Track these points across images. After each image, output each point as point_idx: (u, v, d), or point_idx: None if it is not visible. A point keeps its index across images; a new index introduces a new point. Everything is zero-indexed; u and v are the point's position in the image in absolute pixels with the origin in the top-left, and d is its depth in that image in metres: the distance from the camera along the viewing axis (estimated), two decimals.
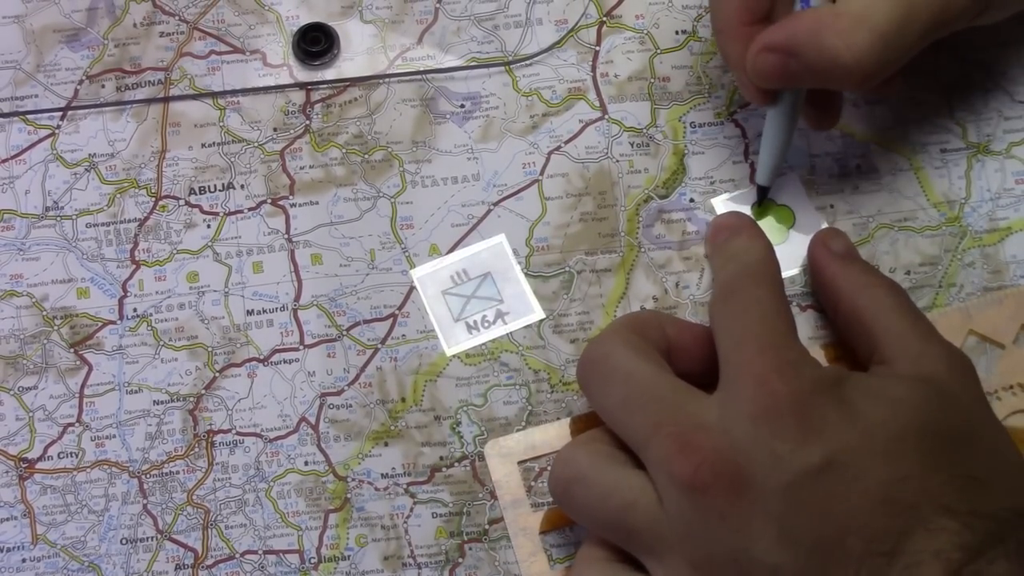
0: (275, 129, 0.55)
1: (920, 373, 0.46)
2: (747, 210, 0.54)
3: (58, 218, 0.55)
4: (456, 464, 0.52)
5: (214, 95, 0.56)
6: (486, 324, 0.53)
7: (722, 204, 0.54)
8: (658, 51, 0.56)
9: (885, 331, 0.48)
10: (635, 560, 0.46)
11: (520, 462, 0.52)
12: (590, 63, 0.56)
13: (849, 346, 0.50)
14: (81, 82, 0.56)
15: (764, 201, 0.53)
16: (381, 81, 0.56)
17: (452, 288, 0.54)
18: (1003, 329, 0.52)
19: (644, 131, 0.55)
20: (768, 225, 0.53)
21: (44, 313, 0.54)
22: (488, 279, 0.54)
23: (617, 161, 0.55)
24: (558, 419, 0.52)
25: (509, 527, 0.51)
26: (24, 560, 0.52)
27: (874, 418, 0.43)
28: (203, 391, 0.53)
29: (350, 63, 0.56)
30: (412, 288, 0.54)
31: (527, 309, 0.53)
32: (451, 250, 0.54)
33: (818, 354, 0.52)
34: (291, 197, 0.55)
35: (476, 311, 0.53)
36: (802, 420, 0.43)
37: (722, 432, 0.43)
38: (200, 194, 0.55)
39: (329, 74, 0.56)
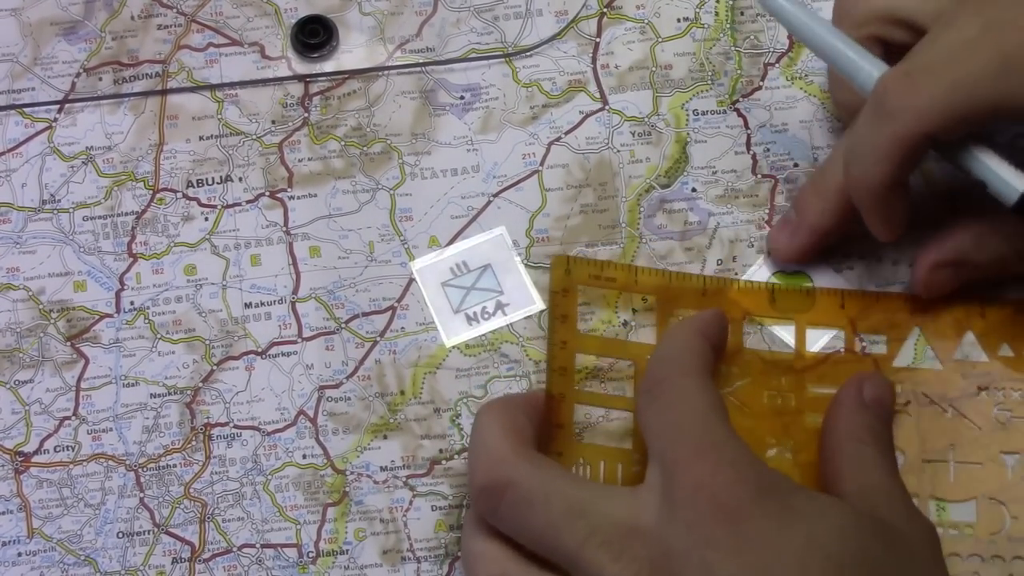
0: (273, 122, 0.55)
1: (878, 516, 0.44)
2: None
3: (55, 211, 0.54)
4: (456, 457, 0.52)
5: (212, 88, 0.56)
6: (486, 316, 0.53)
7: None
8: (659, 39, 0.56)
9: (853, 477, 0.46)
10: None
11: None
12: (590, 55, 0.56)
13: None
14: (78, 75, 0.56)
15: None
16: (380, 73, 0.55)
17: (452, 280, 0.53)
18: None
19: (646, 120, 0.55)
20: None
21: (41, 306, 0.53)
22: (488, 271, 0.53)
23: (618, 151, 0.54)
24: None
25: None
26: (20, 554, 0.51)
27: (814, 537, 0.41)
28: (200, 384, 0.52)
29: (349, 55, 0.56)
30: (411, 280, 0.53)
31: (527, 300, 0.53)
32: (451, 242, 0.54)
33: None
34: (289, 190, 0.54)
35: (476, 303, 0.53)
36: (737, 531, 0.41)
37: (656, 538, 0.42)
38: (198, 187, 0.54)
39: (328, 66, 0.56)
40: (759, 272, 0.53)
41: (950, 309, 0.51)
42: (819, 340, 0.52)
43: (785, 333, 0.52)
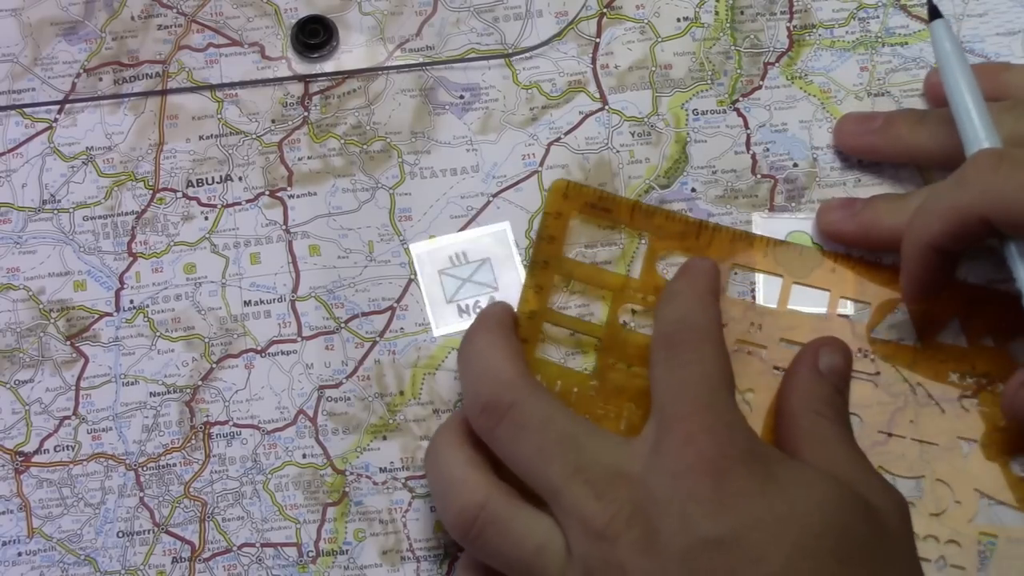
0: (273, 121, 0.55)
1: (857, 492, 0.44)
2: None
3: (55, 211, 0.54)
4: None
5: (212, 88, 0.56)
6: (478, 306, 0.53)
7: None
8: (659, 39, 0.56)
9: (813, 451, 0.46)
10: None
11: None
12: (590, 55, 0.56)
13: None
14: (79, 75, 0.56)
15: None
16: (380, 72, 0.55)
17: (450, 269, 0.53)
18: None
19: (645, 120, 0.55)
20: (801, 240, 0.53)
21: (41, 306, 0.53)
22: (486, 265, 0.53)
23: (617, 152, 0.54)
24: None
25: None
26: (20, 554, 0.51)
27: (796, 506, 0.42)
28: (200, 382, 0.52)
29: (349, 55, 0.56)
30: (411, 281, 0.53)
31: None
32: None
33: None
34: (289, 188, 0.54)
35: (469, 295, 0.53)
36: (720, 487, 0.42)
37: (641, 483, 0.43)
38: (198, 186, 0.54)
39: (328, 66, 0.56)
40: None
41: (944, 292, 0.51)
42: (803, 298, 0.52)
43: (771, 286, 0.52)
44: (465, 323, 0.53)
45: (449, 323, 0.53)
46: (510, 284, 0.53)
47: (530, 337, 0.52)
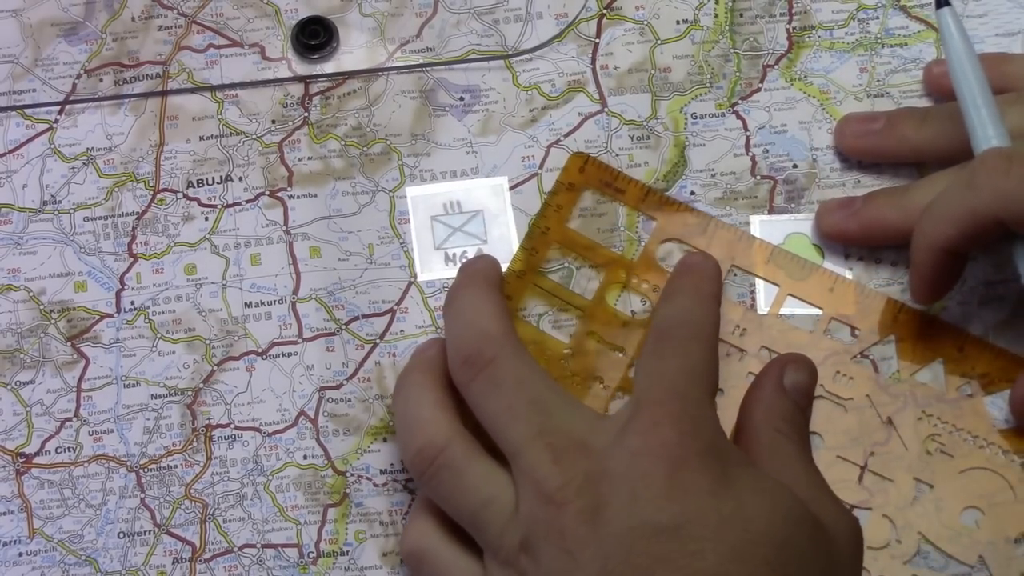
0: (273, 121, 0.55)
1: (808, 508, 0.44)
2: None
3: (56, 212, 0.54)
4: None
5: (212, 89, 0.56)
6: (464, 257, 0.53)
7: None
8: (659, 41, 0.56)
9: (771, 467, 0.46)
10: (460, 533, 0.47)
11: None
12: (590, 55, 0.56)
13: None
14: (79, 76, 0.56)
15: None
16: (380, 74, 0.56)
17: (442, 216, 0.54)
18: None
19: (644, 123, 0.55)
20: (799, 248, 0.53)
21: (41, 307, 0.53)
22: (479, 217, 0.54)
23: (617, 155, 0.54)
24: None
25: None
26: (21, 554, 0.51)
27: (743, 510, 0.42)
28: (201, 384, 0.53)
29: (349, 56, 0.56)
30: (411, 284, 0.53)
31: (508, 255, 0.53)
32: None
33: None
34: (289, 189, 0.54)
35: (458, 244, 0.53)
36: (673, 476, 0.42)
37: (600, 457, 0.43)
38: (198, 187, 0.55)
39: (328, 67, 0.56)
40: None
41: (935, 331, 0.51)
42: (795, 311, 0.52)
43: (766, 291, 0.52)
44: (450, 272, 0.53)
45: (434, 270, 0.53)
46: (500, 239, 0.53)
47: (514, 295, 0.52)
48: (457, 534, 0.47)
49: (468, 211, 0.54)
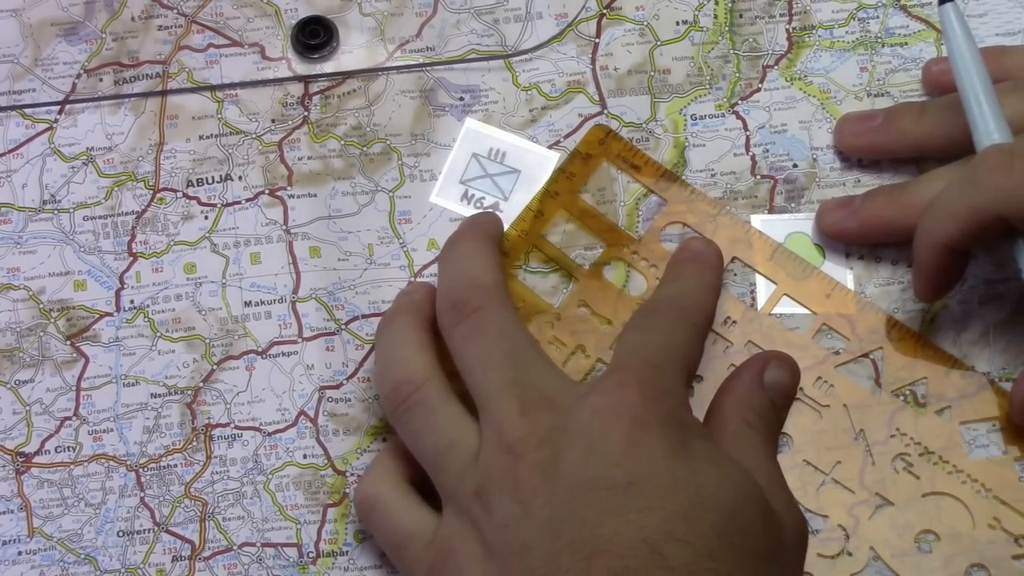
0: (273, 120, 0.55)
1: (764, 493, 0.44)
2: None
3: (55, 211, 0.54)
4: None
5: (212, 88, 0.56)
6: (478, 205, 0.54)
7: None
8: (658, 43, 0.56)
9: (733, 454, 0.46)
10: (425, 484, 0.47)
11: None
12: (589, 55, 0.56)
13: None
14: (79, 76, 0.56)
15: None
16: (380, 73, 0.56)
17: (483, 156, 0.54)
18: None
19: (644, 126, 0.55)
20: (800, 247, 0.53)
21: (41, 306, 0.53)
22: (514, 176, 0.54)
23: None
24: None
25: None
26: (20, 553, 0.51)
27: (696, 476, 0.42)
28: (201, 384, 0.53)
29: (349, 55, 0.56)
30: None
31: None
32: None
33: None
34: (289, 188, 0.54)
35: (480, 189, 0.54)
36: (633, 434, 0.42)
37: (565, 414, 0.44)
38: (198, 186, 0.55)
39: (328, 67, 0.56)
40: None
41: (924, 351, 0.51)
42: (789, 311, 0.52)
43: (764, 289, 0.52)
44: (462, 208, 0.54)
45: (447, 198, 0.54)
46: (518, 205, 0.54)
47: (511, 253, 0.53)
48: (414, 488, 0.48)
49: (508, 166, 0.54)
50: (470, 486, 0.44)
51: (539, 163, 0.54)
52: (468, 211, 0.54)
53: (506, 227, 0.53)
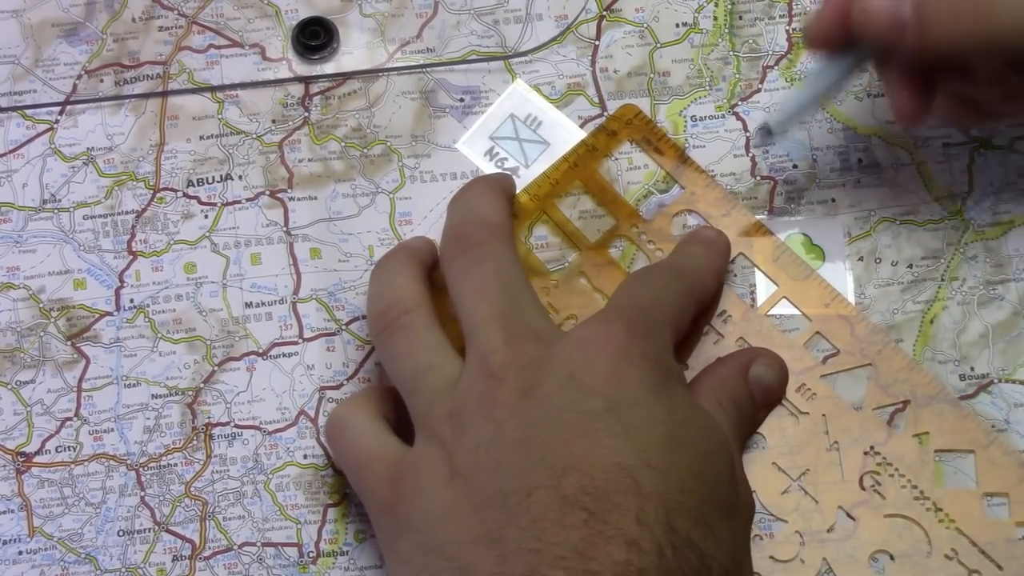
0: (273, 121, 0.55)
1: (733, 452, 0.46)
2: None
3: (55, 210, 0.54)
4: None
5: (212, 89, 0.56)
6: (500, 164, 0.54)
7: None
8: (658, 45, 0.56)
9: None
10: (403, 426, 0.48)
11: None
12: (589, 57, 0.56)
13: None
14: (79, 76, 0.56)
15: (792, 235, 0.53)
16: (380, 74, 0.56)
17: (519, 119, 0.55)
18: None
19: None
20: (798, 247, 0.53)
21: (41, 305, 0.54)
22: (542, 147, 0.54)
23: (616, 159, 0.54)
24: None
25: None
26: (20, 552, 0.51)
27: (674, 414, 0.43)
28: (202, 385, 0.53)
29: (349, 56, 0.56)
30: None
31: None
32: None
33: None
34: (290, 190, 0.54)
35: (506, 150, 0.54)
36: (616, 365, 0.43)
37: (548, 343, 0.45)
38: (198, 186, 0.55)
39: (328, 68, 0.56)
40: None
41: (913, 375, 0.51)
42: (785, 313, 0.52)
43: (764, 289, 0.52)
44: (483, 163, 0.54)
45: (472, 149, 0.55)
46: (534, 176, 0.54)
47: (521, 216, 0.53)
48: (388, 424, 0.48)
49: (540, 136, 0.54)
50: (444, 409, 0.45)
51: (569, 141, 0.55)
52: (488, 168, 0.54)
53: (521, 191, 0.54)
